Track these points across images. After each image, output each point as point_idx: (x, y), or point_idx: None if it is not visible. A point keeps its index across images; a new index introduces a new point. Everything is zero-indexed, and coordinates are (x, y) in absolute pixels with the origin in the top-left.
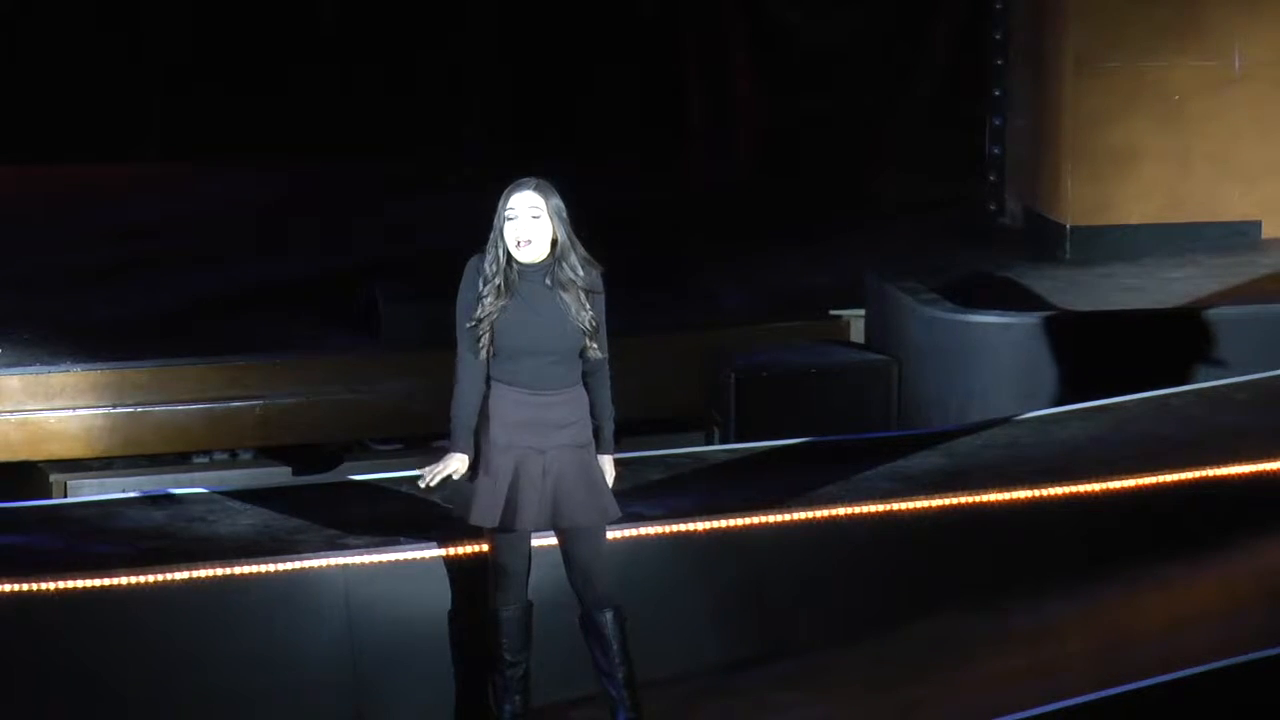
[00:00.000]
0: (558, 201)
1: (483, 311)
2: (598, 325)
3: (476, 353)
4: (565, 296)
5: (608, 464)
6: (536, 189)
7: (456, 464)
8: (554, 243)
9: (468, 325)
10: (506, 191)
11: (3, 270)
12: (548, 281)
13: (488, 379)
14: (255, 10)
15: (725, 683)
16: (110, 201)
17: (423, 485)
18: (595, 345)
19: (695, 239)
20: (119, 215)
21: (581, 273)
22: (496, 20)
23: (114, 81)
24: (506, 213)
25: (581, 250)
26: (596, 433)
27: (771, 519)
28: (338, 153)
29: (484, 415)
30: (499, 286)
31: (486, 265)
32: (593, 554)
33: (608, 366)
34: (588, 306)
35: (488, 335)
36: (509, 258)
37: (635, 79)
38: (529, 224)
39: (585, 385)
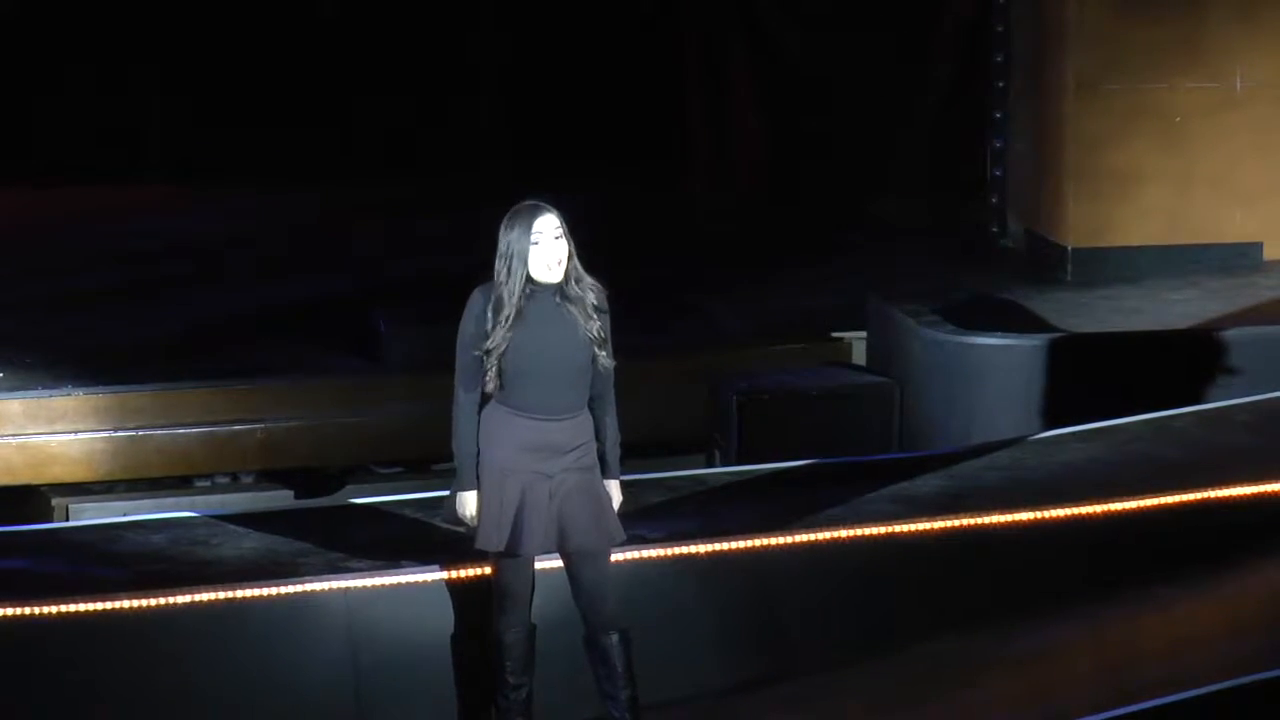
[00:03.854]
0: (563, 218)
1: (493, 341)
2: (606, 337)
3: (480, 382)
4: (573, 309)
5: (614, 489)
6: (551, 210)
7: (471, 505)
8: (569, 257)
9: (473, 354)
10: (519, 217)
11: (4, 294)
12: (556, 299)
13: (492, 403)
14: (254, 33)
15: (728, 704)
16: (111, 225)
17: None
18: (605, 353)
19: (696, 261)
20: (120, 239)
21: (589, 291)
22: (496, 45)
23: (114, 104)
24: (532, 237)
25: (585, 274)
26: (602, 457)
27: (774, 541)
28: (338, 176)
29: (485, 437)
30: (511, 316)
31: (504, 295)
32: (598, 577)
33: (613, 389)
34: (596, 319)
35: (495, 363)
36: (527, 283)
37: (635, 101)
38: (553, 245)
39: (591, 409)
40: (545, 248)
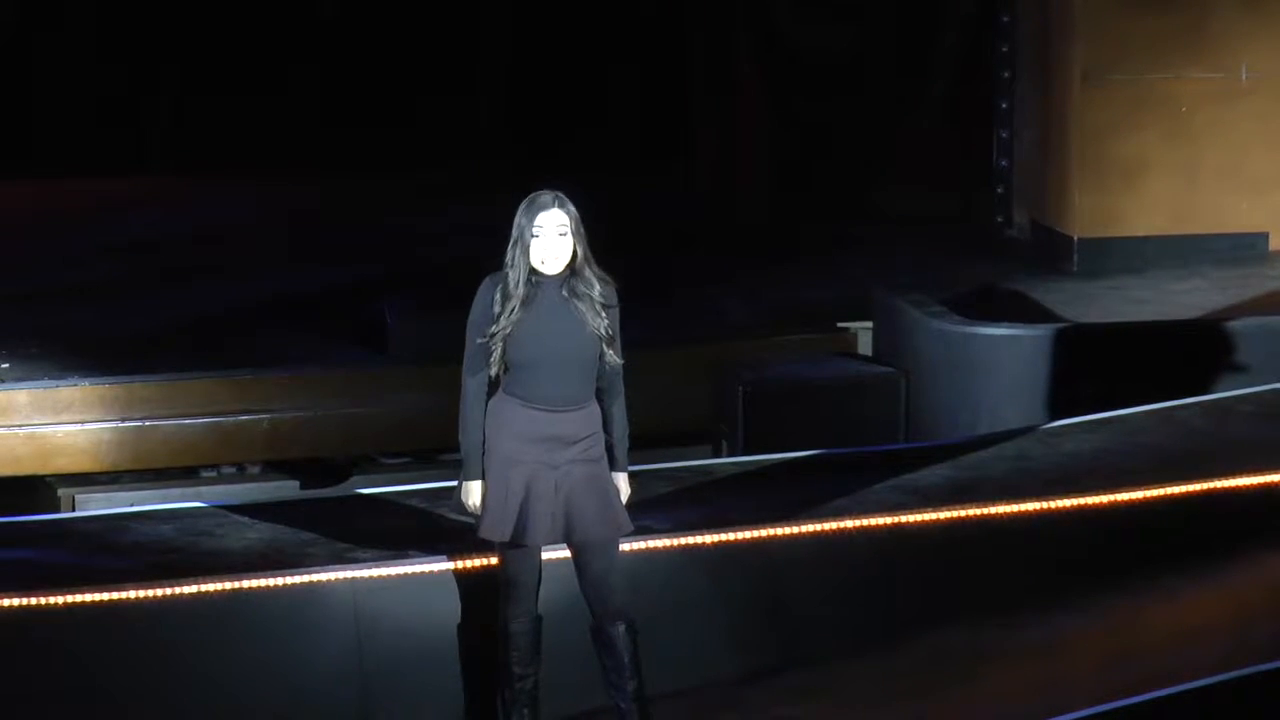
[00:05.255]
0: (576, 214)
1: (498, 327)
2: (613, 334)
3: (487, 371)
4: (580, 305)
5: (622, 482)
6: (560, 205)
7: (476, 495)
8: (573, 256)
9: (479, 341)
10: (529, 208)
11: (10, 284)
12: (564, 292)
13: (499, 393)
14: (258, 24)
15: (734, 695)
16: (116, 216)
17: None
18: (612, 351)
19: (701, 252)
20: (126, 229)
21: (597, 286)
22: (501, 36)
23: (118, 96)
24: (533, 230)
25: (596, 267)
26: (610, 449)
27: (780, 532)
28: (342, 166)
29: (492, 427)
30: (516, 304)
31: (508, 282)
32: (605, 568)
33: (622, 382)
34: (603, 315)
35: (500, 349)
36: (530, 272)
37: (639, 89)
38: (555, 241)
39: (599, 400)
40: (544, 242)
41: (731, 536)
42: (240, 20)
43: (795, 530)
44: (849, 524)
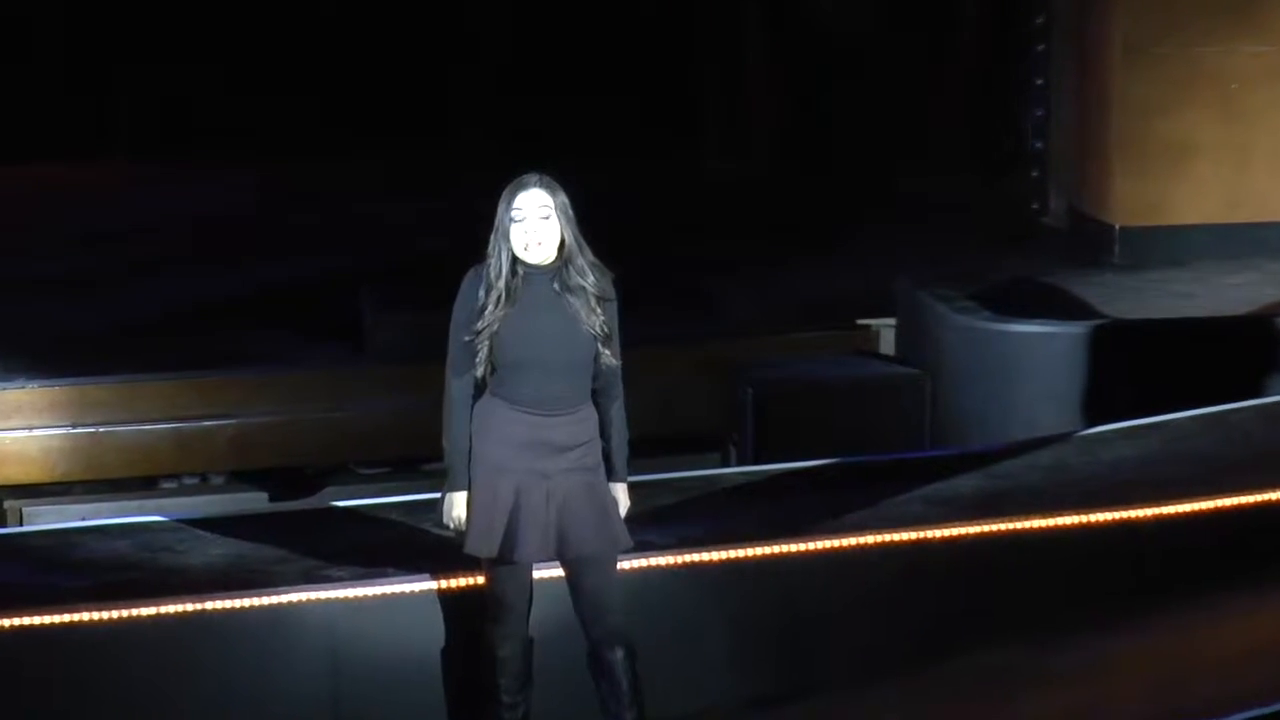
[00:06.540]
0: (564, 199)
1: (483, 323)
2: (610, 332)
3: (473, 371)
4: (574, 301)
5: (621, 493)
6: (543, 186)
7: (462, 507)
8: (562, 244)
9: (464, 339)
10: (509, 190)
11: None
12: (556, 286)
13: (486, 395)
14: (249, 16)
15: None
16: (73, 205)
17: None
18: (609, 351)
19: (710, 242)
20: (82, 219)
21: (591, 277)
22: (502, 15)
23: (79, 78)
24: (512, 213)
25: (590, 255)
26: (607, 457)
27: (793, 548)
28: (321, 153)
29: (478, 432)
30: (501, 295)
31: (490, 272)
32: (602, 586)
33: (621, 383)
34: (599, 312)
35: (486, 348)
36: (514, 261)
37: (646, 73)
38: (538, 224)
39: (596, 403)
40: (526, 225)
41: (740, 553)
42: (229, 10)
43: (809, 546)
44: (869, 539)
